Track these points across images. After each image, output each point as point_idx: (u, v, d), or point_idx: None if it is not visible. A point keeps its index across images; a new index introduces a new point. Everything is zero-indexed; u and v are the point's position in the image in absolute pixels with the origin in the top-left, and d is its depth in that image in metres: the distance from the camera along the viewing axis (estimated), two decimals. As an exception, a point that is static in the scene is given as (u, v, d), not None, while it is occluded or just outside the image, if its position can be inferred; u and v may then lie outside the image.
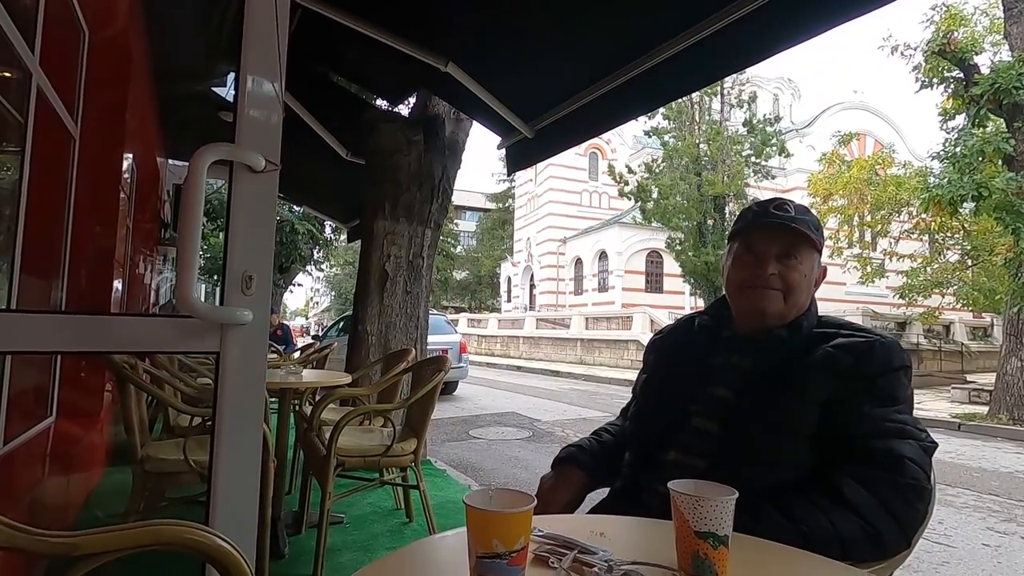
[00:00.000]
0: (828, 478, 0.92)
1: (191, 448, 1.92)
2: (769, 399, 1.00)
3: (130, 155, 4.01)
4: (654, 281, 27.99)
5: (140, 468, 1.93)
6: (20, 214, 2.25)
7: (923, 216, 10.42)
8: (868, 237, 15.08)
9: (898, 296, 11.78)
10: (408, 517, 2.90)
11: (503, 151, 3.47)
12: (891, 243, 12.95)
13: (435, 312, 8.69)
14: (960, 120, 9.30)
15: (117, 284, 3.80)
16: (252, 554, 1.19)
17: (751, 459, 0.97)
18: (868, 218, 13.35)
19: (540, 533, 0.71)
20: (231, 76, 4.37)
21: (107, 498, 2.89)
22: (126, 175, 3.88)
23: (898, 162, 13.21)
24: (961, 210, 8.51)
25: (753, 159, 16.82)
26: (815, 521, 0.87)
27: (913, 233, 12.28)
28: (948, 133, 9.50)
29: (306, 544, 2.44)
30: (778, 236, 1.07)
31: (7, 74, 2.22)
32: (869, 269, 12.97)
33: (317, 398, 3.34)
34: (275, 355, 4.69)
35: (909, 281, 11.49)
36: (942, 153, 8.79)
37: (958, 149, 8.26)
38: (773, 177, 18.56)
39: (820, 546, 0.79)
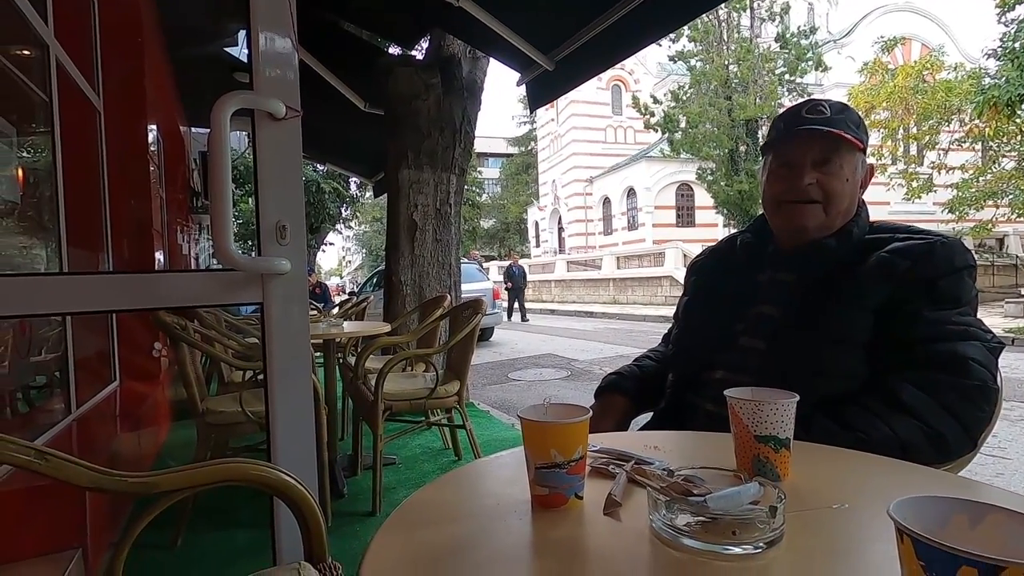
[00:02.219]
0: (885, 385, 0.89)
1: (247, 400, 2.01)
2: (819, 311, 0.96)
3: (154, 125, 4.03)
4: (686, 215, 27.30)
5: (203, 421, 2.04)
6: (59, 192, 2.31)
7: (976, 122, 9.73)
8: (914, 151, 14.22)
9: (947, 211, 11.20)
10: (457, 456, 3.01)
11: (523, 88, 3.35)
12: (940, 155, 12.20)
13: (466, 261, 8.73)
14: (1021, 11, 8.46)
15: (159, 255, 3.92)
16: (315, 490, 1.26)
17: (800, 372, 0.93)
18: (914, 130, 12.55)
19: (595, 448, 0.72)
20: (243, 35, 4.29)
21: (177, 450, 3.10)
22: (153, 146, 3.92)
23: (948, 65, 12.25)
24: (1020, 112, 7.89)
25: (787, 77, 15.87)
26: (872, 427, 0.85)
27: (964, 142, 11.54)
28: (1007, 27, 8.68)
29: (363, 484, 2.57)
30: (814, 142, 0.99)
31: (26, 51, 2.22)
32: (916, 185, 12.29)
33: (359, 348, 3.43)
34: (315, 312, 4.82)
35: (959, 194, 10.90)
36: (999, 50, 8.11)
37: (1017, 44, 7.57)
38: (810, 94, 17.49)
39: (880, 452, 0.77)
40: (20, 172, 2.19)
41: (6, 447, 0.69)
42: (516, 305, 13.72)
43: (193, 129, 6.73)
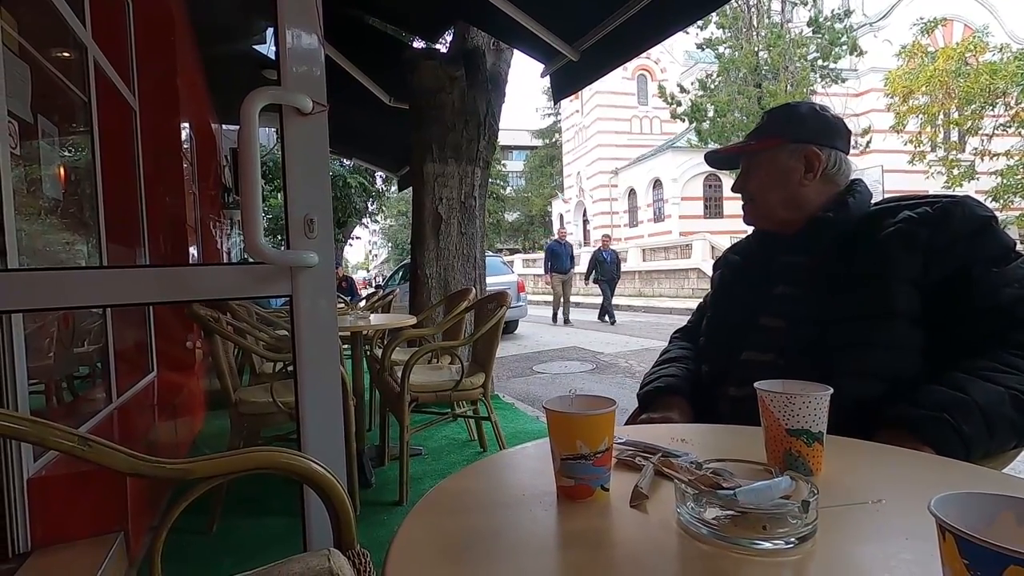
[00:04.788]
0: (982, 356, 0.86)
1: (277, 391, 2.06)
2: (837, 286, 0.97)
3: (187, 123, 4.13)
4: (713, 206, 26.76)
5: (235, 411, 2.10)
6: (98, 189, 2.39)
7: (1023, 106, 9.28)
8: (955, 137, 13.65)
9: (991, 199, 10.75)
10: (482, 447, 3.03)
11: (547, 80, 3.33)
12: (983, 141, 11.69)
13: (491, 254, 8.71)
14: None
15: (192, 249, 4.02)
16: (343, 478, 1.28)
17: (820, 347, 0.94)
18: (956, 115, 12.03)
19: (622, 440, 0.71)
20: (271, 32, 4.35)
21: (211, 439, 3.19)
22: (185, 143, 4.02)
23: (993, 47, 11.70)
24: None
25: (820, 62, 15.35)
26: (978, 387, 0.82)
27: (1010, 127, 11.02)
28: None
29: (390, 474, 2.61)
30: (737, 160, 1.18)
31: (66, 53, 2.30)
32: (956, 172, 11.82)
33: (386, 341, 3.48)
34: (343, 305, 4.89)
35: (1004, 181, 10.44)
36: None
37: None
38: (844, 80, 16.94)
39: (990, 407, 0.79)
40: (62, 171, 2.27)
41: (52, 434, 0.72)
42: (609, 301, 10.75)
43: (224, 126, 6.87)
